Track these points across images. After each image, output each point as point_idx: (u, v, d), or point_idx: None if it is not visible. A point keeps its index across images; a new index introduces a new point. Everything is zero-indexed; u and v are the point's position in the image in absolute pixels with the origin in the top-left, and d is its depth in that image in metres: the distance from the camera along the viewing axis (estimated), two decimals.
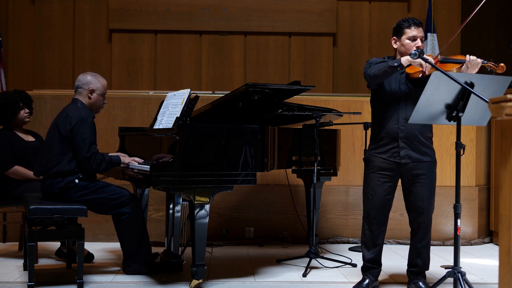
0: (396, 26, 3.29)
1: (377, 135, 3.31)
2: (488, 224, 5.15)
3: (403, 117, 3.19)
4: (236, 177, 3.32)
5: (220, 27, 7.51)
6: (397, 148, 3.22)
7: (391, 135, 3.24)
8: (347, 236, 4.94)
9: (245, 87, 3.44)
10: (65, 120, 3.50)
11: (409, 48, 3.20)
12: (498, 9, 7.47)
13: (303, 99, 4.63)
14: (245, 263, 4.12)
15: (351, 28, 7.65)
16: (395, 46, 3.30)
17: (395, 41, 3.30)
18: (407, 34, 3.22)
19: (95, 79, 3.70)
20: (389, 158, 3.25)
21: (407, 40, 3.22)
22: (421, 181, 3.23)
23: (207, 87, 7.40)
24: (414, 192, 3.26)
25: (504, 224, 1.61)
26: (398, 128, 3.21)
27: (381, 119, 3.28)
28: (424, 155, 3.24)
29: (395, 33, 3.30)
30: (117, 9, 7.40)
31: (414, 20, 3.24)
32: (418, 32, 3.22)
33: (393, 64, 3.07)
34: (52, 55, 7.45)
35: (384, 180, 3.28)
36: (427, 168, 3.24)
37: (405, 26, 3.23)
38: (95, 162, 3.48)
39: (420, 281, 3.31)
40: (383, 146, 3.27)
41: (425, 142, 3.25)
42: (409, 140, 3.21)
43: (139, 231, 3.64)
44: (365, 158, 3.42)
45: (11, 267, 3.88)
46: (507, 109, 1.55)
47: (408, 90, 3.22)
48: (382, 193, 3.29)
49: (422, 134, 3.23)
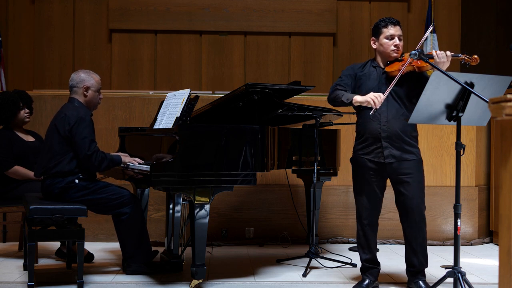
0: (374, 27, 3.36)
1: (361, 136, 3.35)
2: (488, 224, 5.15)
3: (385, 116, 3.22)
4: (236, 177, 3.32)
5: (220, 27, 7.51)
6: (381, 148, 3.24)
7: (374, 135, 3.26)
8: (347, 236, 4.94)
9: (245, 87, 3.44)
10: (63, 120, 3.50)
11: (387, 47, 3.26)
12: (498, 9, 7.48)
13: (303, 99, 4.63)
14: (245, 263, 4.12)
15: (351, 28, 7.65)
16: (374, 47, 3.36)
17: (373, 42, 3.36)
18: (385, 33, 3.27)
19: (89, 76, 3.70)
20: (374, 158, 3.27)
21: (385, 40, 3.27)
22: (408, 180, 3.24)
23: (207, 87, 7.40)
24: (402, 192, 3.27)
25: (504, 224, 1.61)
26: (380, 128, 3.23)
27: (363, 120, 3.31)
28: (408, 154, 3.25)
29: (373, 33, 3.36)
30: (117, 9, 7.40)
31: (391, 19, 3.30)
32: (396, 31, 3.27)
33: (344, 100, 3.22)
34: (52, 55, 7.45)
35: (372, 180, 3.30)
36: (412, 167, 3.25)
37: (382, 26, 3.29)
38: (97, 160, 3.47)
39: (420, 280, 3.30)
40: (367, 146, 3.30)
41: (408, 141, 3.25)
42: (391, 140, 3.22)
43: (139, 231, 3.64)
44: (351, 159, 3.43)
45: (11, 267, 3.88)
46: (507, 109, 1.55)
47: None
48: (372, 193, 3.32)
49: (405, 133, 3.24)
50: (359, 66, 3.41)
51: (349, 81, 3.34)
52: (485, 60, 7.67)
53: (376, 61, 3.37)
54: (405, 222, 3.32)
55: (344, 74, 3.39)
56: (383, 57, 3.32)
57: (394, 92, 3.22)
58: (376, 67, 3.33)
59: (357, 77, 3.35)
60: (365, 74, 3.33)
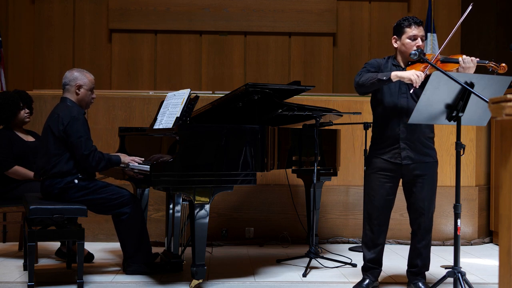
0: (397, 25, 3.28)
1: (378, 136, 3.31)
2: (488, 224, 5.15)
3: (405, 118, 3.17)
4: (236, 177, 3.32)
5: (220, 27, 7.51)
6: (398, 149, 3.21)
7: (392, 136, 3.22)
8: (347, 236, 4.94)
9: (245, 87, 3.44)
10: (57, 121, 3.49)
11: (410, 47, 3.19)
12: (498, 9, 7.48)
13: (303, 99, 4.63)
14: (245, 263, 4.12)
15: (351, 28, 7.65)
16: (396, 46, 3.28)
17: (395, 41, 3.28)
18: (408, 33, 3.20)
19: (82, 75, 3.69)
20: (390, 159, 3.24)
21: (408, 40, 3.20)
22: (421, 181, 3.22)
23: (207, 87, 7.40)
24: (415, 193, 3.25)
25: (504, 224, 1.61)
26: (399, 129, 3.20)
27: (382, 121, 3.27)
28: (425, 156, 3.23)
29: (395, 32, 3.28)
30: (117, 9, 7.40)
31: (415, 19, 3.22)
32: (419, 31, 3.20)
33: (382, 78, 3.07)
34: (52, 55, 7.45)
35: (385, 181, 3.27)
36: (428, 168, 3.23)
37: (405, 25, 3.22)
38: (94, 160, 3.46)
39: (419, 281, 3.30)
40: (384, 147, 3.26)
41: (426, 142, 3.24)
42: (410, 141, 3.20)
43: (139, 231, 3.64)
44: (366, 158, 3.42)
45: (11, 267, 3.88)
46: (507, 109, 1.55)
47: (408, 89, 3.20)
48: (383, 193, 3.29)
49: (423, 134, 3.22)
50: (382, 60, 3.32)
51: (375, 70, 3.25)
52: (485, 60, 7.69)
53: (396, 59, 3.29)
54: (414, 224, 3.30)
55: (369, 64, 3.29)
56: (404, 57, 3.24)
57: (415, 93, 3.15)
58: (396, 66, 3.26)
59: (380, 70, 3.26)
60: (387, 70, 3.24)
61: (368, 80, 3.13)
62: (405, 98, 3.20)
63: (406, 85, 3.18)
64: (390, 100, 3.23)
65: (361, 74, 3.21)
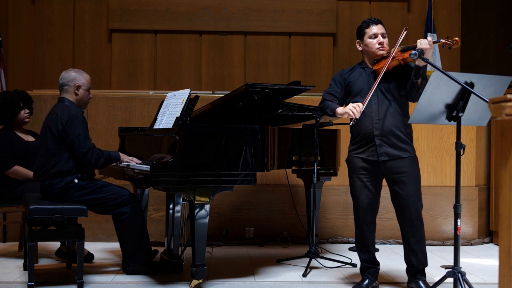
0: (357, 30, 3.41)
1: (354, 136, 3.35)
2: (488, 224, 5.15)
3: (376, 114, 3.23)
4: (236, 177, 3.32)
5: (220, 27, 7.51)
6: (374, 146, 3.24)
7: (366, 134, 3.26)
8: (347, 236, 4.94)
9: (245, 87, 3.44)
10: (56, 120, 3.50)
11: (372, 46, 3.30)
12: (498, 9, 7.47)
13: (303, 99, 4.63)
14: (245, 263, 4.12)
15: (351, 28, 7.64)
16: (360, 49, 3.40)
17: (359, 44, 3.40)
18: (368, 33, 3.32)
19: (80, 75, 3.71)
20: (368, 157, 3.27)
21: (369, 39, 3.32)
22: (403, 179, 3.24)
23: (207, 87, 7.40)
24: (397, 191, 3.27)
25: (504, 224, 1.61)
26: (372, 126, 3.24)
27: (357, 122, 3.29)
28: (402, 151, 3.24)
29: (357, 36, 3.41)
30: (117, 9, 7.40)
31: (372, 19, 3.36)
32: (378, 29, 3.31)
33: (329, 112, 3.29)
34: (52, 55, 7.45)
35: (367, 180, 3.30)
36: (407, 165, 3.25)
37: (364, 27, 3.36)
38: (93, 157, 3.46)
39: (420, 280, 3.30)
40: (361, 146, 3.30)
41: (402, 137, 3.25)
42: (385, 137, 3.23)
43: (139, 231, 3.64)
44: (346, 160, 3.43)
45: (11, 267, 3.88)
46: (507, 109, 1.55)
47: (377, 88, 3.23)
48: (367, 193, 3.31)
49: (398, 129, 3.24)
50: (347, 70, 3.44)
51: (338, 88, 3.39)
52: (485, 60, 7.70)
53: (364, 62, 3.40)
54: (402, 221, 3.31)
55: (333, 81, 3.45)
56: (370, 57, 3.35)
57: (384, 89, 3.25)
58: (364, 68, 3.36)
59: (346, 82, 3.38)
60: (354, 76, 3.36)
61: (323, 108, 3.35)
62: (375, 96, 3.24)
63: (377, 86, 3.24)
64: (361, 98, 3.26)
65: (323, 97, 3.40)
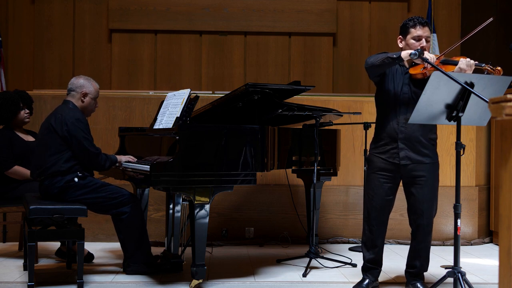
0: (402, 25, 3.29)
1: (378, 135, 3.31)
2: (488, 224, 5.15)
3: (403, 118, 3.17)
4: (236, 177, 3.32)
5: (220, 27, 7.51)
6: (396, 149, 3.20)
7: (390, 135, 3.22)
8: (347, 236, 4.94)
9: (245, 87, 3.44)
10: (60, 121, 3.51)
11: (414, 47, 3.19)
12: (498, 9, 7.47)
13: (303, 99, 4.63)
14: (245, 263, 4.12)
15: (351, 28, 7.65)
16: (401, 45, 3.29)
17: (400, 40, 3.30)
18: (412, 34, 3.21)
19: (89, 83, 3.72)
20: (388, 158, 3.23)
21: (412, 40, 3.21)
22: (421, 183, 3.20)
23: (207, 87, 7.40)
24: (414, 194, 3.24)
25: (504, 224, 1.61)
26: (398, 128, 3.19)
27: (382, 119, 3.27)
28: (424, 157, 3.21)
29: (401, 32, 3.29)
30: (117, 9, 7.40)
31: (420, 19, 3.23)
32: (423, 32, 3.20)
33: (392, 56, 3.07)
34: (52, 55, 7.45)
35: (384, 181, 3.27)
36: (427, 170, 3.21)
37: (410, 26, 3.23)
38: (102, 159, 3.56)
39: (418, 282, 3.29)
40: (382, 146, 3.26)
41: (426, 143, 3.21)
42: (408, 141, 3.19)
43: (139, 231, 3.64)
44: (367, 158, 3.41)
45: (11, 267, 3.88)
46: (507, 109, 1.54)
47: (409, 91, 3.20)
48: (383, 193, 3.28)
49: (423, 135, 3.20)
50: None
51: None
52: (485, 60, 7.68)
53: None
54: (413, 225, 3.29)
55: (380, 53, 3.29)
56: None
57: (414, 93, 3.16)
58: (402, 66, 3.25)
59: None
60: (391, 69, 3.25)
61: (377, 59, 3.13)
62: (406, 98, 3.20)
63: (408, 85, 3.19)
64: (393, 98, 3.22)
65: (375, 56, 3.20)
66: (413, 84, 3.20)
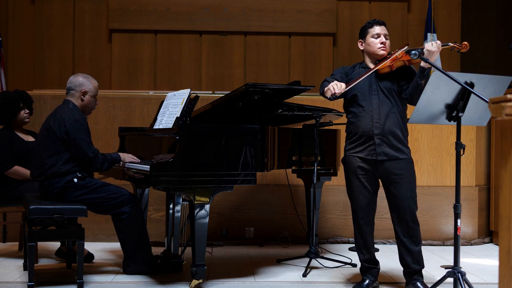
0: (361, 30, 3.43)
1: (353, 135, 3.34)
2: (488, 224, 5.15)
3: (377, 113, 3.23)
4: (236, 177, 3.32)
5: (220, 27, 7.51)
6: (373, 145, 3.24)
7: (366, 133, 3.26)
8: (347, 236, 4.94)
9: (245, 87, 3.44)
10: (60, 122, 3.50)
11: (374, 45, 3.31)
12: (498, 9, 7.47)
13: (303, 99, 4.63)
14: (245, 263, 4.12)
15: (351, 28, 7.65)
16: (361, 48, 3.41)
17: (361, 44, 3.41)
18: (371, 33, 3.33)
19: (87, 81, 3.71)
20: (366, 156, 3.27)
21: (372, 38, 3.33)
22: (398, 181, 3.24)
23: (207, 87, 7.40)
24: (393, 192, 3.27)
25: (504, 224, 1.61)
26: (372, 125, 3.24)
27: (356, 120, 3.31)
28: (400, 152, 3.24)
29: (360, 36, 3.41)
30: (117, 9, 7.40)
31: (376, 20, 3.38)
32: (381, 30, 3.32)
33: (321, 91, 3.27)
34: (52, 55, 7.44)
35: (365, 179, 3.30)
36: (403, 167, 3.24)
37: (368, 27, 3.37)
38: (98, 162, 3.53)
39: (417, 281, 3.28)
40: (359, 145, 3.30)
41: (401, 138, 3.26)
42: (384, 137, 3.23)
43: (139, 231, 3.64)
44: (343, 160, 3.42)
45: (11, 267, 3.88)
46: (507, 109, 1.54)
47: (378, 88, 3.26)
48: (366, 193, 3.31)
49: (398, 130, 3.25)
50: (349, 68, 3.46)
51: (339, 77, 3.35)
52: (485, 60, 7.69)
53: (365, 62, 3.40)
54: (397, 223, 3.30)
55: (335, 72, 3.45)
56: (371, 57, 3.35)
57: (386, 89, 3.25)
58: (365, 68, 3.36)
59: (348, 77, 3.38)
60: (354, 75, 3.36)
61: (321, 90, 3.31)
62: (376, 95, 3.25)
63: (376, 84, 3.27)
64: (363, 99, 3.29)
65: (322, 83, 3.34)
66: (379, 79, 3.28)
